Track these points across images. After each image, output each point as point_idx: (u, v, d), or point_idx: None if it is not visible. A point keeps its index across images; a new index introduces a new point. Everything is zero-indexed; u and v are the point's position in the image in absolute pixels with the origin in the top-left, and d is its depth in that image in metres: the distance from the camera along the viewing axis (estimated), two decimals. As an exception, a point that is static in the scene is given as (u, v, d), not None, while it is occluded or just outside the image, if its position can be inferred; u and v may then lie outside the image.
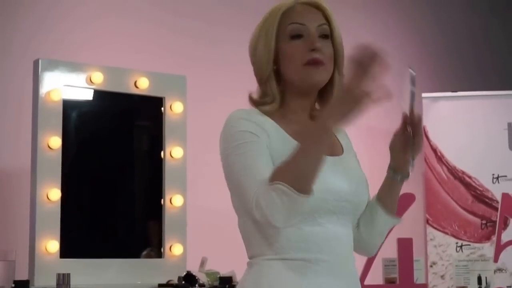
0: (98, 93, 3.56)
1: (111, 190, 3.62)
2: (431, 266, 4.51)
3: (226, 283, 3.43)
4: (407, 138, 1.85)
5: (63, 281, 3.15)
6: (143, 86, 3.64)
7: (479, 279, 4.49)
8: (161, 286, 3.44)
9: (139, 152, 3.75)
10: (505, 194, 4.54)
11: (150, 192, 3.69)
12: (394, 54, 5.57)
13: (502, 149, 4.59)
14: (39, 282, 3.26)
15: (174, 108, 3.70)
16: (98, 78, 3.52)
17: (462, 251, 4.52)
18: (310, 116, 1.90)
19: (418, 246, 4.19)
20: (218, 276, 3.49)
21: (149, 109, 3.73)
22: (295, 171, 1.62)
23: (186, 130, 3.71)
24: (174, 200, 3.63)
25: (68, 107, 3.46)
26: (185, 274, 3.42)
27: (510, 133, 4.60)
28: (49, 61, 3.45)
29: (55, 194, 3.35)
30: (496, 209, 4.54)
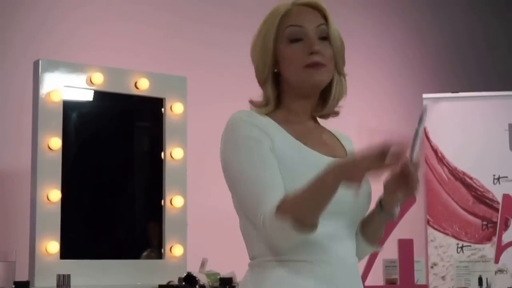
0: (98, 94, 3.56)
1: (111, 191, 3.62)
2: (432, 267, 4.51)
3: (227, 284, 3.42)
4: (402, 181, 1.74)
5: (63, 282, 3.15)
6: (144, 87, 3.64)
7: (480, 280, 4.49)
8: (161, 287, 3.43)
9: (140, 153, 3.75)
10: (505, 195, 4.54)
11: (151, 193, 3.69)
12: (394, 54, 5.62)
13: (502, 150, 4.58)
14: (39, 283, 3.25)
15: (175, 109, 3.69)
16: (98, 79, 3.52)
17: (462, 252, 4.51)
18: (311, 117, 1.90)
19: (419, 247, 4.18)
20: (219, 277, 3.48)
21: (149, 110, 3.73)
22: (302, 209, 1.64)
23: (186, 131, 3.71)
24: (174, 201, 3.63)
25: (68, 108, 3.46)
26: (185, 275, 3.42)
27: (510, 133, 4.60)
28: (49, 62, 3.45)
29: (55, 195, 3.34)
30: (497, 210, 4.54)
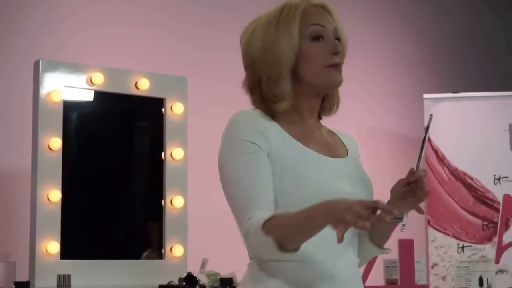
0: (98, 94, 3.56)
1: (112, 191, 3.61)
2: (432, 267, 4.51)
3: (227, 285, 3.42)
4: (408, 191, 1.80)
5: (64, 282, 3.15)
6: (144, 87, 3.63)
7: (481, 280, 4.48)
8: (161, 287, 3.43)
9: (140, 153, 3.75)
10: (506, 195, 4.54)
11: (151, 193, 3.69)
12: (395, 54, 5.62)
13: (503, 150, 4.58)
14: (40, 283, 3.25)
15: (175, 109, 3.69)
16: (98, 79, 3.52)
17: (463, 252, 4.51)
18: (315, 117, 1.91)
19: (419, 247, 4.17)
20: (219, 277, 3.48)
21: (149, 110, 3.73)
22: (287, 234, 1.65)
23: (187, 131, 3.71)
24: (174, 201, 3.63)
25: (68, 108, 3.46)
26: (185, 275, 3.41)
27: (511, 134, 4.59)
28: (49, 62, 3.45)
29: (56, 195, 3.34)
30: (497, 210, 4.53)
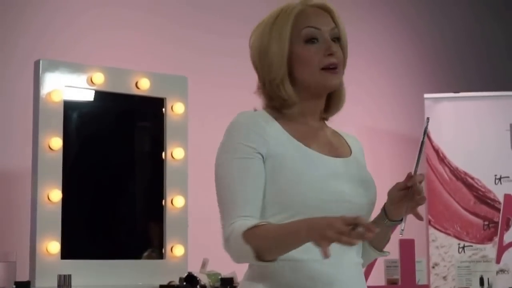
0: (99, 94, 3.56)
1: (112, 191, 3.61)
2: (433, 267, 4.50)
3: (227, 284, 3.42)
4: (406, 194, 1.80)
5: (64, 282, 3.14)
6: (144, 86, 3.63)
7: (481, 280, 4.48)
8: (162, 287, 3.43)
9: (140, 153, 3.75)
10: (507, 195, 4.53)
11: (151, 193, 3.68)
12: (395, 55, 5.61)
13: (504, 150, 4.58)
14: (40, 283, 3.25)
15: (175, 109, 3.69)
16: (99, 79, 3.52)
17: (464, 252, 4.51)
18: (318, 118, 1.91)
19: (420, 247, 4.17)
20: (219, 277, 3.48)
21: (150, 110, 3.73)
22: (266, 246, 1.66)
23: (187, 131, 3.71)
24: (175, 201, 3.63)
25: (69, 108, 3.46)
26: (186, 275, 3.41)
27: (512, 133, 4.60)
28: (50, 62, 3.45)
29: (56, 195, 3.34)
30: (498, 210, 4.53)
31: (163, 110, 3.68)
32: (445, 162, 4.60)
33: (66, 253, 3.34)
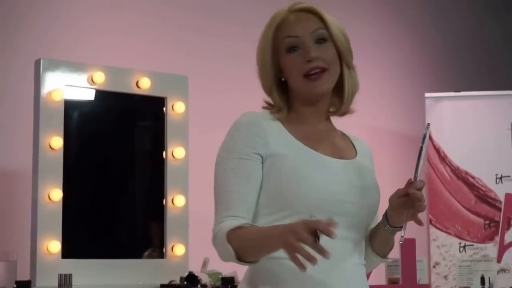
0: (99, 93, 3.56)
1: (113, 190, 3.61)
2: (434, 267, 4.50)
3: (228, 284, 3.42)
4: (406, 201, 1.77)
5: (65, 281, 3.14)
6: (145, 86, 3.63)
7: (482, 280, 4.48)
8: (163, 286, 3.43)
9: (141, 152, 3.74)
10: (508, 194, 4.53)
11: (152, 192, 3.68)
12: (396, 54, 5.59)
13: (505, 149, 4.57)
14: (41, 283, 3.25)
15: (176, 108, 3.69)
16: (99, 78, 3.52)
17: (465, 252, 4.51)
18: (325, 120, 1.92)
19: (421, 246, 4.17)
20: (220, 276, 3.48)
21: (151, 109, 3.72)
22: (247, 247, 1.69)
23: (188, 130, 3.70)
24: (176, 200, 3.62)
25: (69, 107, 3.45)
26: (187, 274, 3.41)
27: (513, 133, 4.60)
28: (50, 61, 3.44)
29: (57, 194, 3.34)
30: (499, 209, 4.53)
31: (164, 109, 3.68)
32: (446, 161, 4.60)
33: (67, 252, 3.34)
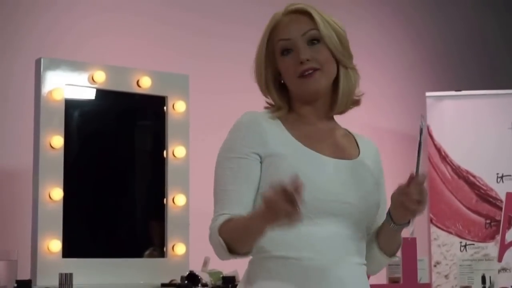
0: (100, 92, 3.55)
1: (114, 190, 3.61)
2: (435, 266, 4.50)
3: (229, 283, 3.42)
4: (409, 195, 1.76)
5: (66, 281, 3.14)
6: (146, 85, 3.63)
7: (483, 279, 4.47)
8: (163, 285, 3.43)
9: (142, 151, 3.74)
10: (509, 193, 4.53)
11: (153, 191, 3.68)
12: (396, 53, 5.58)
13: (506, 148, 4.57)
14: (42, 282, 3.25)
15: (177, 107, 3.68)
16: (100, 77, 3.51)
17: (466, 251, 4.50)
18: (326, 118, 1.92)
19: (422, 245, 4.17)
20: (221, 275, 3.48)
21: (151, 108, 3.72)
22: (234, 235, 1.72)
23: (189, 129, 3.70)
24: (176, 199, 3.62)
25: (70, 106, 3.45)
26: (188, 273, 3.41)
27: (514, 132, 4.59)
28: (51, 60, 3.44)
29: (58, 193, 3.34)
30: (500, 208, 4.52)
31: (165, 108, 3.68)
32: (447, 161, 4.59)
33: (68, 251, 3.34)
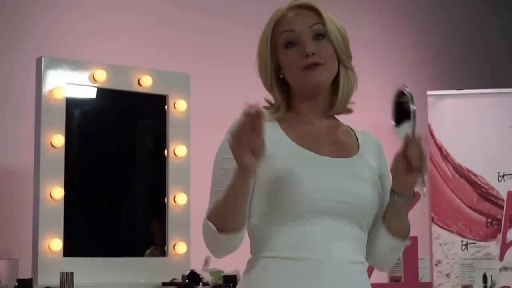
0: (101, 91, 3.55)
1: (115, 189, 3.61)
2: (436, 265, 4.50)
3: (230, 282, 3.41)
4: (410, 161, 1.76)
5: (67, 279, 3.14)
6: (147, 84, 3.63)
7: (485, 278, 4.47)
8: (165, 284, 3.43)
9: (143, 150, 3.74)
10: (510, 192, 4.53)
11: (154, 190, 3.68)
12: (397, 52, 5.59)
13: (507, 147, 4.57)
14: (42, 281, 3.25)
15: (178, 106, 3.68)
16: (101, 76, 3.51)
17: (467, 250, 4.50)
18: (324, 116, 1.91)
19: (423, 244, 4.17)
20: (222, 274, 3.47)
21: (152, 107, 3.72)
22: (219, 212, 1.73)
23: (190, 128, 3.70)
24: (178, 198, 3.62)
25: (71, 105, 3.45)
26: (189, 272, 3.41)
27: (515, 131, 4.59)
28: (52, 59, 3.44)
29: (58, 192, 3.34)
30: (501, 207, 4.52)
31: (166, 107, 3.68)
32: (448, 159, 4.59)
33: (69, 250, 3.34)
